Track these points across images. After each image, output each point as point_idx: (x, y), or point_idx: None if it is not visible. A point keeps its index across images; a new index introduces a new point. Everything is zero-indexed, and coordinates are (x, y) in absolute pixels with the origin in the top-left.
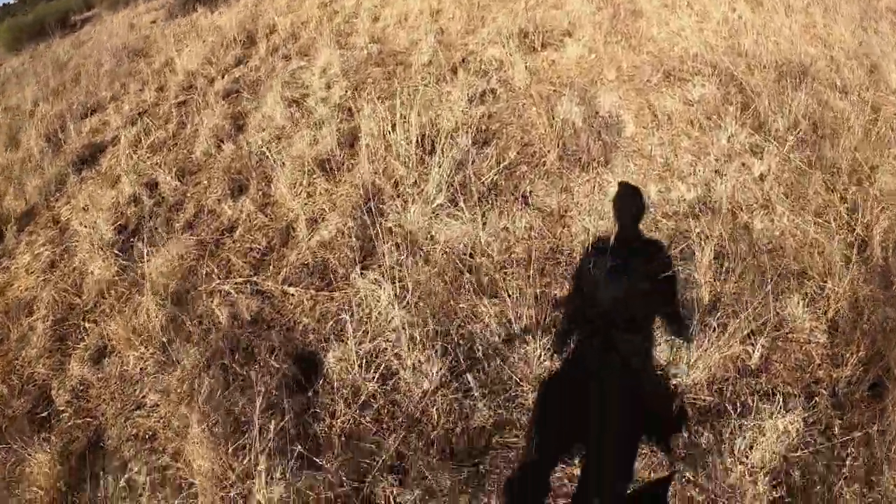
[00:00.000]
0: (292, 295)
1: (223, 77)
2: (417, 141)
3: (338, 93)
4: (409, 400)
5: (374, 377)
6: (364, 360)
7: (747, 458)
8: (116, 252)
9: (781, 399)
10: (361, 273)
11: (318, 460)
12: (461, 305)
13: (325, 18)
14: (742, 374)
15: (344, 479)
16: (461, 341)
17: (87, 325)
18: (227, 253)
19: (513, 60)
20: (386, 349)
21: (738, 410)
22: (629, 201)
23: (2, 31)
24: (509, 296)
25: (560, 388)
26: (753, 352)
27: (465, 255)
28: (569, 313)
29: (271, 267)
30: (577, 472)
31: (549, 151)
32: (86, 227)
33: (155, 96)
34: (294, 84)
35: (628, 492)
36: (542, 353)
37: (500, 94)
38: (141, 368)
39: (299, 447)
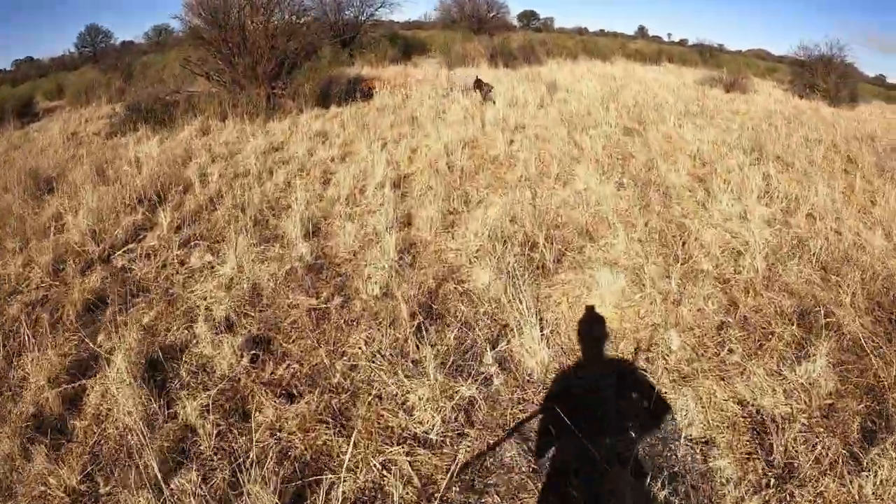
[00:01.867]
0: None
1: (103, 262)
2: None
3: (229, 355)
4: None
5: None
6: None
7: None
8: None
9: None
10: None
11: None
12: None
13: (263, 174)
14: None
15: None
16: None
17: None
18: None
19: (517, 305)
20: None
21: None
22: None
23: None
24: None
25: None
26: None
27: None
28: None
29: None
30: None
31: None
32: None
33: (17, 275)
34: (180, 307)
35: None
36: None
37: (498, 389)
38: None
39: None
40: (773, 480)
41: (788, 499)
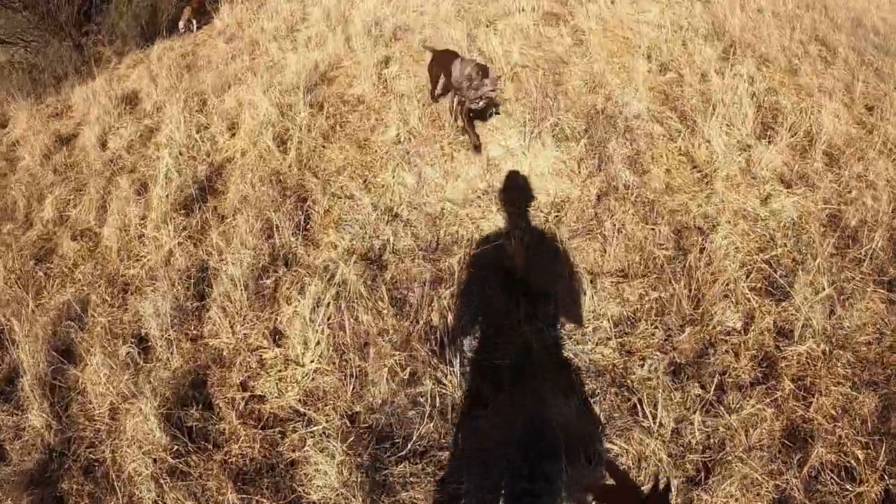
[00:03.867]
0: None
1: None
2: None
3: None
4: None
5: None
6: None
7: None
8: None
9: None
10: None
11: None
12: None
13: (33, 206)
14: None
15: None
16: None
17: None
18: None
19: None
20: None
21: None
22: None
23: None
24: None
25: None
26: None
27: None
28: None
29: None
30: None
31: None
32: None
33: None
34: None
35: None
36: None
37: None
38: None
39: None
40: None
41: None
